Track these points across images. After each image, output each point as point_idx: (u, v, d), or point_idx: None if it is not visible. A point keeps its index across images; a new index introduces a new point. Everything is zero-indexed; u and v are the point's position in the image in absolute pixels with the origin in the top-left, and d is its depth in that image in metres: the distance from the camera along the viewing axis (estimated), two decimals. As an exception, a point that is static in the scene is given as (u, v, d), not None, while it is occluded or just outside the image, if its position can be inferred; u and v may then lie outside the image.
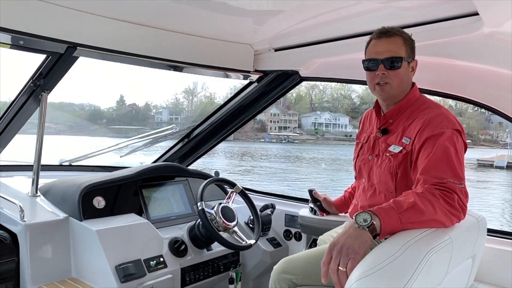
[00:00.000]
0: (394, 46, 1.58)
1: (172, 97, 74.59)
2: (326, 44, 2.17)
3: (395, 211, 1.25)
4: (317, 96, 63.77)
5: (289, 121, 54.05)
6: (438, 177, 1.38)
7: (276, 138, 51.99)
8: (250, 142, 49.82)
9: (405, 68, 1.60)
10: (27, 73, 2.12)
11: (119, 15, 1.98)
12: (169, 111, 53.07)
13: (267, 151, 40.77)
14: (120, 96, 67.50)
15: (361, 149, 1.82)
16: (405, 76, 1.62)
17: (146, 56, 2.16)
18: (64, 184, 2.17)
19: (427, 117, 1.53)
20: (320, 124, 53.62)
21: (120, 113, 50.03)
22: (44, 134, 2.22)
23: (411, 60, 1.62)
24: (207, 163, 22.03)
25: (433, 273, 1.12)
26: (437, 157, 1.43)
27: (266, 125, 52.99)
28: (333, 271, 1.17)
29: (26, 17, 1.76)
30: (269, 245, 2.50)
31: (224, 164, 26.18)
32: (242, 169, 24.43)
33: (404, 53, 1.59)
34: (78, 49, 1.94)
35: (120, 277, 1.79)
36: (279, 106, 54.10)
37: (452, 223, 1.32)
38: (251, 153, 37.40)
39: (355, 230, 1.22)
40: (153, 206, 2.30)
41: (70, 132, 26.70)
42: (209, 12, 2.01)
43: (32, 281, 1.81)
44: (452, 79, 1.96)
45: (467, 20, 1.66)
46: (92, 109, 46.53)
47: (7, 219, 1.90)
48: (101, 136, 4.52)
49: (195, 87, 58.14)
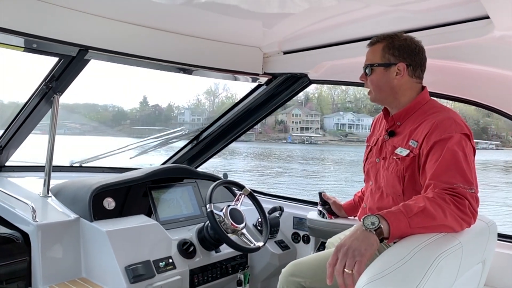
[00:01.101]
0: (371, 54, 1.67)
1: (194, 98, 74.86)
2: (335, 47, 2.17)
3: (404, 215, 1.25)
4: (340, 96, 62.24)
5: (311, 121, 53.11)
6: (449, 182, 1.36)
7: (298, 139, 51.32)
8: (271, 143, 49.03)
9: (378, 73, 1.64)
10: (39, 76, 2.16)
11: (129, 18, 2.00)
12: (191, 112, 53.20)
13: (291, 152, 39.66)
14: (143, 97, 68.14)
15: (370, 151, 1.82)
16: (381, 81, 1.64)
17: (156, 59, 2.18)
18: (75, 185, 2.20)
19: (435, 121, 1.52)
20: (343, 124, 52.40)
21: (143, 114, 50.53)
22: (70, 134, 2.25)
23: (393, 65, 1.62)
24: (227, 165, 21.48)
25: (443, 278, 1.11)
26: (447, 162, 1.41)
27: (288, 126, 52.33)
28: (338, 272, 1.18)
29: (39, 21, 1.79)
30: (277, 248, 2.51)
31: (251, 166, 25.26)
32: (274, 171, 23.40)
33: (378, 59, 1.63)
34: (90, 52, 1.97)
35: (130, 277, 1.81)
36: (301, 106, 53.71)
37: (462, 228, 1.31)
38: (276, 154, 36.47)
39: (362, 232, 1.22)
40: (162, 207, 2.31)
41: (95, 132, 27.00)
42: (219, 15, 2.03)
43: (43, 280, 1.84)
44: (462, 82, 1.94)
45: (478, 23, 1.64)
46: (116, 110, 47.13)
47: (20, 219, 1.93)
48: (124, 136, 4.56)
49: (216, 88, 58.25)
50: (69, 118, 28.01)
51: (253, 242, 2.13)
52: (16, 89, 3.13)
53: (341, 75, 2.36)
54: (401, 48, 1.62)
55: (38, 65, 2.35)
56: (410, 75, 1.64)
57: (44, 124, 2.35)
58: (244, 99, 2.78)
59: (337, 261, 1.20)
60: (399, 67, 1.62)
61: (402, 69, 1.62)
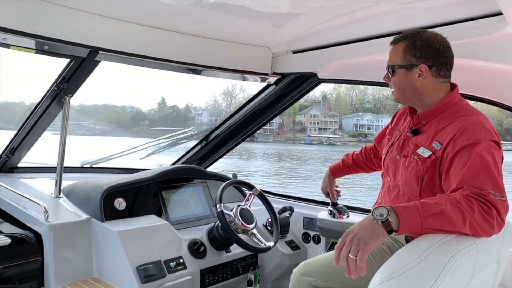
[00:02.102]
0: (393, 54, 1.60)
1: (211, 99, 75.09)
2: (345, 46, 2.16)
3: (418, 214, 1.22)
4: (358, 96, 61.70)
5: (330, 122, 52.83)
6: (479, 187, 1.28)
7: (317, 139, 50.92)
8: (289, 143, 48.41)
9: (400, 75, 1.57)
10: (49, 78, 2.19)
11: (139, 19, 2.02)
12: (209, 113, 53.38)
13: (312, 153, 38.62)
14: (161, 98, 68.85)
15: (391, 146, 1.76)
16: (403, 83, 1.58)
17: (166, 60, 2.19)
18: (86, 185, 2.21)
19: (462, 124, 1.45)
20: (362, 125, 51.88)
21: (161, 115, 51.08)
22: (90, 135, 2.27)
23: (414, 66, 1.54)
24: (251, 167, 20.62)
25: (458, 278, 1.10)
26: (476, 167, 1.34)
27: (306, 127, 52.05)
28: (343, 256, 1.22)
29: (50, 23, 1.80)
30: (288, 248, 2.50)
31: (274, 167, 24.13)
32: (303, 174, 22.02)
33: (400, 60, 1.56)
34: (100, 53, 1.98)
35: (141, 277, 1.82)
36: (319, 107, 53.19)
37: (478, 236, 1.25)
38: (298, 156, 35.67)
39: (370, 222, 1.23)
40: (172, 207, 2.32)
41: (115, 133, 27.03)
42: (228, 15, 2.03)
43: (55, 280, 1.85)
44: (474, 80, 1.92)
45: (490, 20, 1.62)
46: (134, 111, 47.53)
47: (32, 219, 1.95)
48: (143, 137, 4.55)
49: (233, 88, 58.58)
50: (89, 119, 28.21)
51: (264, 242, 2.13)
52: (27, 91, 3.17)
53: (351, 74, 2.35)
54: (422, 49, 1.53)
55: (48, 67, 2.37)
56: (434, 76, 1.55)
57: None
58: (253, 99, 2.78)
59: (344, 245, 1.23)
60: (421, 68, 1.54)
61: (424, 71, 1.54)
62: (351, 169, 2.16)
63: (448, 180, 1.41)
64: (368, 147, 2.12)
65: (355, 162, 2.15)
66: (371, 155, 2.09)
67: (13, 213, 2.07)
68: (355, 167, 2.15)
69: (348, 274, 1.20)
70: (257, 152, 33.48)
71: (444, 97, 1.58)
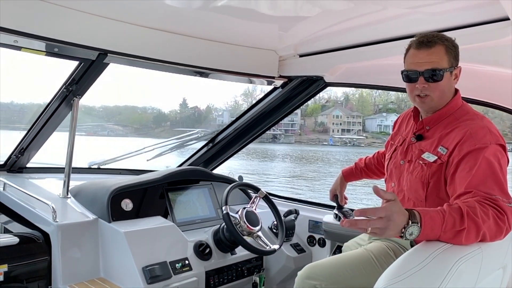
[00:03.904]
0: (435, 57, 1.49)
1: (232, 100, 75.27)
2: (352, 50, 2.16)
3: (440, 228, 1.17)
4: (381, 97, 60.59)
5: (353, 123, 52.02)
6: (488, 193, 1.27)
7: (340, 141, 50.11)
8: (312, 145, 47.47)
9: (447, 79, 1.51)
10: (58, 80, 2.21)
11: (147, 22, 2.04)
12: (230, 114, 53.38)
13: (338, 155, 37.23)
14: (183, 100, 68.94)
15: (395, 151, 1.76)
16: (447, 87, 1.53)
17: (173, 62, 2.22)
18: (94, 186, 2.24)
19: (468, 129, 1.45)
20: (386, 126, 50.68)
21: (183, 116, 51.21)
22: (113, 136, 2.29)
23: (454, 68, 1.52)
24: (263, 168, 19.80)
25: (462, 283, 1.10)
26: (483, 172, 1.33)
27: (328, 128, 51.33)
28: (361, 221, 1.14)
29: (60, 26, 1.83)
30: (293, 251, 2.50)
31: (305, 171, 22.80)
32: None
33: (446, 63, 1.49)
34: (109, 56, 2.01)
35: (147, 278, 1.83)
36: (341, 107, 52.32)
37: (485, 242, 1.24)
38: (325, 158, 34.49)
39: (399, 229, 1.15)
40: (178, 209, 2.34)
41: (137, 134, 26.93)
42: (235, 19, 2.04)
43: (63, 280, 1.87)
44: (480, 84, 1.92)
45: (497, 25, 1.62)
46: (155, 112, 47.62)
47: (40, 219, 1.98)
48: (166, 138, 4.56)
49: (254, 89, 58.50)
50: (111, 120, 28.18)
51: (269, 245, 2.13)
52: (36, 93, 3.22)
53: (357, 78, 2.36)
54: (457, 51, 1.51)
55: (60, 69, 2.40)
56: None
57: (89, 126, 2.40)
58: (260, 102, 2.79)
59: (373, 213, 1.14)
60: (457, 70, 1.54)
61: (458, 73, 1.54)
62: (363, 173, 2.15)
63: (454, 184, 1.40)
64: (381, 152, 2.11)
65: (367, 166, 2.14)
66: (382, 160, 2.06)
67: (21, 212, 2.10)
68: (368, 172, 2.15)
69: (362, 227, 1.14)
70: (279, 154, 32.55)
71: (449, 100, 1.58)
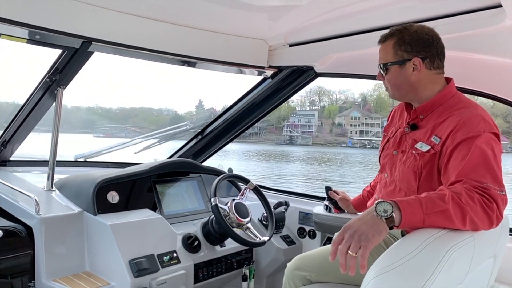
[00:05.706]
0: (383, 52, 1.60)
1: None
2: (342, 38, 2.13)
3: (421, 210, 1.19)
4: None
5: (371, 124, 51.05)
6: (479, 181, 1.27)
7: (359, 142, 49.41)
8: (330, 146, 46.72)
9: (394, 72, 1.57)
10: (39, 71, 2.14)
11: (133, 10, 1.98)
12: None
13: (361, 157, 36.38)
14: (199, 101, 68.41)
15: (387, 143, 1.75)
16: (398, 80, 1.57)
17: (160, 51, 2.16)
18: (79, 178, 2.18)
19: (461, 117, 1.44)
20: None
21: (199, 117, 51.27)
22: (130, 137, 2.22)
23: (407, 60, 1.53)
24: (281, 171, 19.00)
25: (455, 271, 1.08)
26: (475, 160, 1.32)
27: (346, 129, 50.51)
28: (341, 252, 1.16)
29: (42, 12, 1.77)
30: (283, 243, 2.48)
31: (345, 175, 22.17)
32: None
33: (391, 57, 1.56)
34: (93, 44, 1.95)
35: (134, 271, 1.79)
36: (359, 108, 51.75)
37: (477, 230, 1.24)
38: (351, 161, 33.45)
39: (372, 217, 1.18)
40: (167, 201, 2.30)
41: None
42: (224, 7, 2.00)
43: (47, 274, 1.82)
44: (473, 73, 1.90)
45: (490, 12, 1.60)
46: (171, 113, 47.51)
47: (23, 212, 1.92)
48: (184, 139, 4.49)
49: None
50: (128, 122, 27.79)
51: (259, 237, 2.11)
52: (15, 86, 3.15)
53: (348, 68, 2.33)
54: (412, 42, 1.53)
55: (40, 60, 2.34)
56: (428, 68, 1.55)
57: (107, 128, 2.35)
58: (249, 93, 2.75)
59: (342, 240, 1.17)
60: (415, 62, 1.53)
61: (418, 64, 1.54)
62: (370, 196, 2.06)
63: (447, 174, 1.40)
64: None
65: (373, 188, 2.04)
66: None
67: (4, 206, 2.04)
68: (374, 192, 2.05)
69: (345, 271, 1.16)
70: (296, 156, 31.65)
71: (440, 90, 1.58)
